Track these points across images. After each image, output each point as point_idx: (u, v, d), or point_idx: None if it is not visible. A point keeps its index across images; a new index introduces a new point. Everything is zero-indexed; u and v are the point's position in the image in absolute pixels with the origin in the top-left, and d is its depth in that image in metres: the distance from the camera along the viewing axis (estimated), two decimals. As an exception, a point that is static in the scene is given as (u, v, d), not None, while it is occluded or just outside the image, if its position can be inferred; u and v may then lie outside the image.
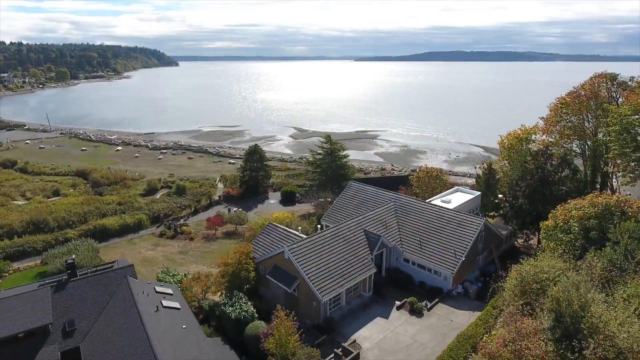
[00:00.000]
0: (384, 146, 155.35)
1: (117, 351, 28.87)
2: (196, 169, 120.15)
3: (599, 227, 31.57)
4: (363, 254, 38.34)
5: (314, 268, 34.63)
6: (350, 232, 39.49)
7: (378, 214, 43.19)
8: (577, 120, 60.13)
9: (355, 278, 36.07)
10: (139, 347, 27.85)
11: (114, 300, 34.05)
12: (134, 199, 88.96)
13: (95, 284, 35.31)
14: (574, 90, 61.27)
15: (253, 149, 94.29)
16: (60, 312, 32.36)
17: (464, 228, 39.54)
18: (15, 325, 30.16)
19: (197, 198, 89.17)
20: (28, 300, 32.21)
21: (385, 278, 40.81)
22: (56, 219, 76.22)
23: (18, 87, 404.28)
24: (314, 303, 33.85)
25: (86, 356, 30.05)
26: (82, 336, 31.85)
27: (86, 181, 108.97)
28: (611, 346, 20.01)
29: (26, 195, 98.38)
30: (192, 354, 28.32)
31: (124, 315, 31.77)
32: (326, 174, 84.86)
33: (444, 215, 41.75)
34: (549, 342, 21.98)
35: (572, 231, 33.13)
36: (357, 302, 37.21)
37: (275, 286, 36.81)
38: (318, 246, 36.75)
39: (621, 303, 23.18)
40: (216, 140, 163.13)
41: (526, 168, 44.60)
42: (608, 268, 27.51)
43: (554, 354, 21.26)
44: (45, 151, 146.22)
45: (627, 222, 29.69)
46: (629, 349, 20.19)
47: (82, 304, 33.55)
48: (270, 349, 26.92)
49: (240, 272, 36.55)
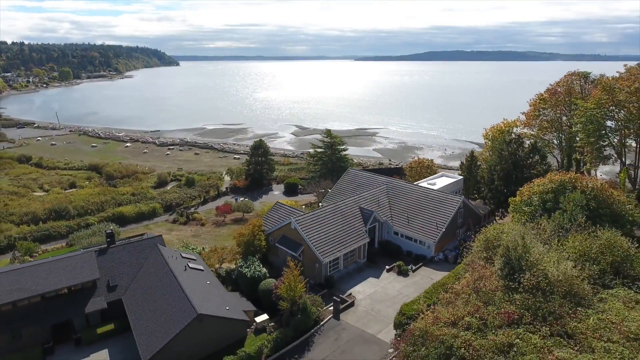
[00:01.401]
0: (382, 143, 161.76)
1: (155, 301, 35.25)
2: (203, 164, 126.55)
3: (554, 199, 37.94)
4: (358, 226, 44.77)
5: (316, 236, 41.07)
6: (347, 208, 45.92)
7: (372, 194, 49.64)
8: (554, 115, 66.46)
9: (351, 245, 42.51)
10: (174, 296, 34.20)
11: (147, 262, 40.45)
12: (146, 190, 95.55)
13: (131, 250, 41.74)
14: (551, 87, 67.61)
15: (258, 144, 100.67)
16: (104, 272, 38.72)
17: (445, 205, 45.94)
18: (71, 279, 36.59)
19: (206, 189, 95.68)
20: (78, 261, 38.64)
21: (377, 249, 47.19)
22: (76, 208, 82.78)
23: (23, 86, 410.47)
24: (317, 265, 40.26)
25: (128, 305, 36.46)
26: (123, 291, 38.26)
27: (99, 175, 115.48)
28: (543, 277, 26.39)
29: (44, 187, 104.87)
30: (217, 301, 34.69)
31: (158, 274, 38.16)
32: (326, 166, 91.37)
33: (429, 194, 48.19)
34: (500, 279, 28.37)
35: (533, 204, 39.49)
36: (353, 266, 43.62)
37: (283, 253, 43.19)
38: (320, 219, 43.20)
39: (557, 250, 29.59)
40: (220, 138, 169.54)
41: (502, 155, 50.99)
42: (557, 229, 33.89)
43: (502, 286, 27.64)
44: (56, 148, 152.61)
45: (573, 194, 36.10)
46: (557, 280, 26.58)
47: (121, 266, 39.94)
48: (281, 293, 33.28)
49: (253, 240, 43.00)
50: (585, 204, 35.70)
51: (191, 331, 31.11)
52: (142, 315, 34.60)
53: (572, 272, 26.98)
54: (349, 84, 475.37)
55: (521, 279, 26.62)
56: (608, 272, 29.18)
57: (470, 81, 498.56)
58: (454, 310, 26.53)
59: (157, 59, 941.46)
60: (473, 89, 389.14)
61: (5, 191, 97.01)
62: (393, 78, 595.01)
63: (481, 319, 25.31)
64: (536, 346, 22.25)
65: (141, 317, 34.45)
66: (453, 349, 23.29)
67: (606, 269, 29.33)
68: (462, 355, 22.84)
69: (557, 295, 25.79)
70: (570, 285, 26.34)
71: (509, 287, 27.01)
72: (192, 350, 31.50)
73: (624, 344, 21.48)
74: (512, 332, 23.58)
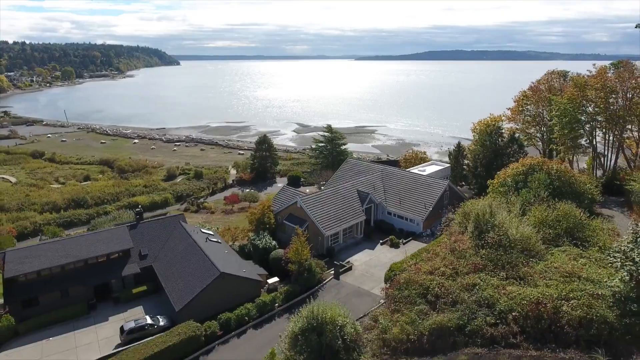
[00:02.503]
0: (381, 139, 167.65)
1: (182, 265, 41.35)
2: (209, 159, 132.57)
3: (524, 180, 44.06)
4: (356, 206, 50.90)
5: (319, 213, 47.22)
6: (346, 191, 52.07)
7: (368, 179, 55.78)
8: (535, 110, 72.51)
9: (349, 222, 48.66)
10: (199, 261, 40.32)
11: (173, 235, 46.57)
12: (157, 182, 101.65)
13: (158, 225, 47.88)
14: (533, 85, 73.67)
15: (262, 139, 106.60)
16: (136, 243, 44.80)
17: (433, 188, 52.06)
18: (109, 248, 42.73)
19: (214, 181, 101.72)
20: (114, 233, 44.79)
21: (373, 227, 53.28)
22: (93, 198, 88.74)
23: (27, 85, 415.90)
24: (320, 238, 46.38)
25: (159, 270, 42.57)
26: (153, 259, 44.38)
27: (111, 169, 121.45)
28: (505, 236, 32.50)
29: (59, 180, 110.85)
30: (235, 265, 40.81)
31: (183, 244, 44.28)
32: (327, 160, 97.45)
33: (419, 179, 54.34)
34: (471, 240, 34.48)
35: (507, 184, 45.62)
36: (351, 241, 49.75)
37: (290, 229, 49.25)
38: (322, 199, 49.36)
39: (520, 218, 35.76)
40: (224, 135, 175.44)
41: (485, 145, 57.11)
42: (523, 203, 40.01)
43: (473, 245, 33.76)
44: (67, 144, 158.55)
45: (538, 174, 42.24)
46: (518, 240, 32.67)
47: (150, 238, 46.04)
48: (290, 257, 39.37)
49: (263, 218, 49.12)
50: (549, 183, 41.86)
51: (215, 287, 37.18)
52: (171, 277, 40.72)
53: (529, 233, 33.11)
54: (349, 83, 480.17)
55: (487, 238, 32.75)
56: (562, 236, 35.26)
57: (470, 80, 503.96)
58: (433, 264, 32.68)
59: (158, 59, 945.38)
60: (472, 88, 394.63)
61: (25, 183, 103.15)
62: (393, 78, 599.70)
63: (453, 269, 31.44)
64: (493, 285, 28.37)
65: (171, 279, 40.57)
66: (429, 289, 29.43)
67: (560, 233, 35.42)
68: (436, 293, 28.97)
69: (515, 250, 31.90)
70: (526, 243, 32.45)
71: (477, 244, 33.14)
72: (215, 303, 37.48)
73: (561, 280, 27.56)
74: (476, 276, 29.70)
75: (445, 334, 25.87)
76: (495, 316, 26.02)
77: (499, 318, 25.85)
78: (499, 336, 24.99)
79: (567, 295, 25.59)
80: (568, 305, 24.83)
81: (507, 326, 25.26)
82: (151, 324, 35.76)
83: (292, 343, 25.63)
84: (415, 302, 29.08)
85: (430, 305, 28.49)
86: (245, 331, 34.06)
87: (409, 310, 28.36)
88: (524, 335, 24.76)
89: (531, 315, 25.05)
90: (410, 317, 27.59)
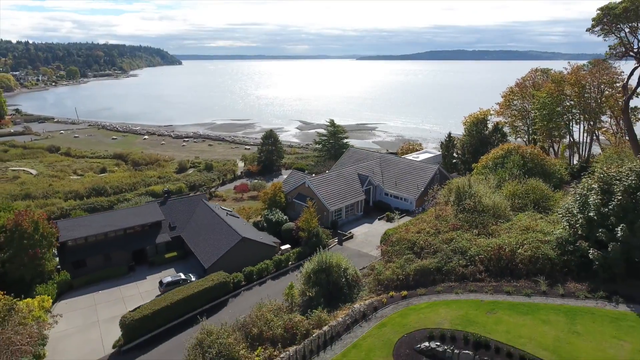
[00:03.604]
0: (381, 136, 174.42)
1: (207, 233, 48.30)
2: (217, 153, 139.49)
3: (502, 162, 50.94)
4: (357, 187, 57.86)
5: (325, 191, 54.19)
6: (348, 174, 59.04)
7: (368, 164, 62.72)
8: (521, 104, 79.35)
9: (350, 200, 55.63)
10: (222, 229, 47.25)
11: (197, 211, 53.54)
12: (170, 174, 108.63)
13: (183, 202, 54.86)
14: (519, 81, 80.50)
15: (269, 134, 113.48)
16: (166, 216, 51.72)
17: (425, 171, 58.97)
18: (144, 219, 49.68)
19: (224, 173, 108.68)
20: (147, 208, 51.83)
21: (372, 206, 60.20)
22: (112, 187, 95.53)
23: (33, 84, 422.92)
24: (325, 213, 53.32)
25: (187, 238, 49.53)
26: (181, 230, 51.34)
27: (125, 162, 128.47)
28: (479, 203, 39.38)
29: (77, 172, 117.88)
30: (253, 233, 47.75)
31: (207, 217, 51.23)
32: (330, 152, 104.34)
33: (412, 164, 61.27)
34: (452, 207, 41.36)
35: (488, 166, 52.51)
36: (352, 217, 56.71)
37: (298, 207, 56.19)
38: (327, 180, 56.33)
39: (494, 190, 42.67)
40: (230, 131, 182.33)
41: (472, 134, 64.00)
42: (499, 180, 46.90)
43: (453, 211, 40.64)
44: (79, 140, 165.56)
45: (513, 156, 49.16)
46: (490, 206, 39.53)
47: (178, 212, 53.01)
48: (301, 225, 46.31)
49: (275, 197, 56.08)
50: (523, 164, 48.78)
51: (237, 250, 44.12)
52: (199, 243, 47.69)
53: (500, 201, 40.02)
54: (350, 83, 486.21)
55: (465, 205, 39.67)
56: (529, 205, 42.11)
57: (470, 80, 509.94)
58: (420, 226, 39.61)
59: (160, 58, 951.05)
60: (472, 88, 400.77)
61: (46, 175, 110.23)
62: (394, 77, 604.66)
63: (436, 229, 38.35)
64: (467, 238, 35.26)
65: (198, 244, 47.54)
66: (416, 243, 36.36)
67: (528, 203, 42.28)
68: (421, 246, 35.91)
69: (487, 214, 38.77)
70: (497, 209, 39.33)
71: (457, 210, 40.05)
72: (237, 264, 44.28)
73: (519, 232, 34.44)
74: (454, 233, 36.59)
75: (427, 274, 32.73)
76: (466, 260, 32.86)
77: (469, 261, 32.70)
78: (469, 273, 31.83)
79: (522, 242, 32.43)
80: (522, 249, 31.70)
81: (474, 266, 32.11)
82: (184, 279, 42.66)
83: (306, 280, 32.58)
84: (404, 253, 35.96)
85: (416, 255, 35.39)
86: (265, 281, 41.08)
87: (399, 259, 35.26)
88: (487, 272, 31.60)
89: (494, 258, 31.90)
90: (400, 263, 34.47)
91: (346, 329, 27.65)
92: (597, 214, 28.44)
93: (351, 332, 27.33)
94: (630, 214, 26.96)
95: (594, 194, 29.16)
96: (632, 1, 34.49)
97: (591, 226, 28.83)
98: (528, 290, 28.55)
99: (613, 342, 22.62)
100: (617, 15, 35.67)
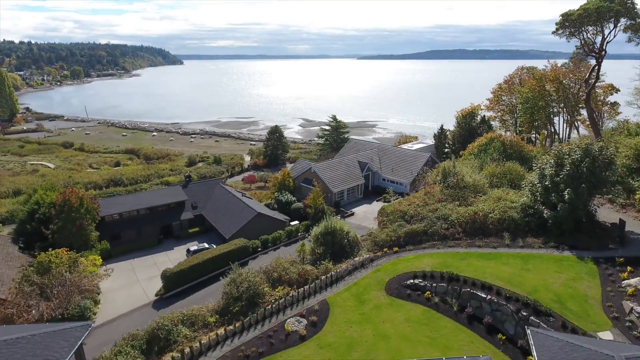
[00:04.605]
0: (381, 133, 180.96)
1: (226, 211, 55.12)
2: (224, 149, 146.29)
3: (485, 148, 57.70)
4: (357, 172, 64.72)
5: (329, 175, 61.06)
6: (349, 161, 65.91)
7: (367, 153, 69.57)
8: (509, 99, 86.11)
9: (351, 183, 62.51)
10: (239, 207, 54.08)
11: (215, 192, 60.39)
12: (181, 167, 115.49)
13: (203, 185, 61.73)
14: (508, 78, 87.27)
15: (274, 129, 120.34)
16: (188, 197, 58.53)
17: (418, 159, 65.81)
18: (169, 199, 56.53)
19: (232, 166, 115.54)
20: (171, 190, 58.72)
21: (370, 191, 67.04)
22: (127, 178, 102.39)
23: (38, 84, 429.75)
24: (329, 194, 60.16)
25: (208, 215, 56.36)
26: (202, 208, 58.15)
27: (137, 156, 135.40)
28: (462, 181, 46.15)
29: (92, 166, 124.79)
30: (267, 211, 54.57)
31: (224, 197, 58.07)
32: (332, 145, 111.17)
33: (407, 152, 68.12)
34: (439, 185, 48.11)
35: (473, 153, 59.28)
36: (353, 199, 63.59)
37: (305, 190, 63.01)
38: (330, 166, 63.21)
39: (475, 171, 49.51)
40: (234, 129, 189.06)
41: (461, 125, 70.82)
42: (482, 163, 53.67)
43: (440, 188, 47.40)
44: (91, 136, 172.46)
45: (494, 143, 55.95)
46: (471, 183, 46.30)
47: (198, 194, 59.85)
48: (308, 203, 53.12)
49: (284, 181, 62.92)
50: (503, 150, 55.54)
51: (253, 223, 50.95)
52: (219, 219, 54.54)
53: (480, 179, 46.81)
54: (351, 82, 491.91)
55: (449, 182, 46.46)
56: (505, 183, 48.84)
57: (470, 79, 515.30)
58: (411, 200, 46.43)
59: (162, 58, 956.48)
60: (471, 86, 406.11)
61: (63, 168, 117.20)
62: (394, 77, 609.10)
63: (425, 202, 45.14)
64: (449, 208, 42.05)
65: (218, 220, 54.40)
66: (406, 212, 43.19)
67: (505, 181, 49.02)
68: (411, 215, 42.72)
69: (468, 190, 45.54)
70: (476, 185, 46.10)
71: (443, 187, 46.86)
72: (253, 236, 51.05)
73: (492, 202, 41.21)
74: (439, 205, 43.39)
75: (415, 235, 39.54)
76: (447, 224, 39.65)
77: (450, 225, 39.48)
78: (449, 234, 38.63)
79: (493, 209, 39.23)
80: (493, 214, 38.51)
81: (454, 229, 38.90)
82: (207, 248, 49.46)
83: (315, 240, 39.42)
84: (397, 220, 42.76)
85: (407, 222, 42.16)
86: (279, 247, 47.99)
87: (392, 225, 42.07)
88: (464, 233, 38.40)
89: (470, 221, 38.71)
90: (393, 228, 41.27)
91: (348, 274, 34.47)
92: (551, 183, 35.22)
93: (352, 276, 34.15)
94: (576, 182, 33.71)
95: (549, 167, 35.96)
96: (584, 9, 41.06)
97: (547, 192, 35.62)
98: (495, 244, 35.40)
99: (553, 275, 29.41)
100: (574, 20, 42.25)
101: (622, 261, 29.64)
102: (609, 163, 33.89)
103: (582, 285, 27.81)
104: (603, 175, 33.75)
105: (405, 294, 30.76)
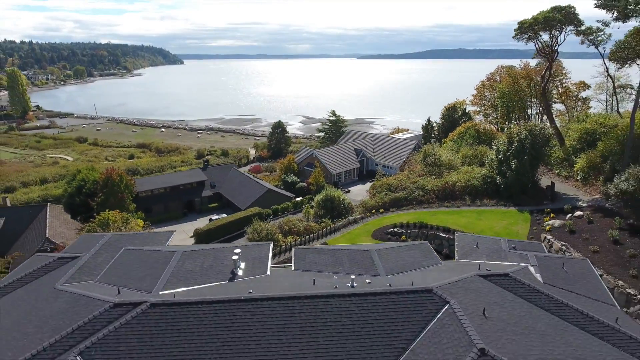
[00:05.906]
0: (378, 129, 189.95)
1: (241, 189, 64.67)
2: (230, 143, 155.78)
3: (462, 136, 67.35)
4: (353, 158, 74.45)
5: (328, 159, 70.82)
6: (346, 148, 75.67)
7: (362, 142, 79.34)
8: (491, 96, 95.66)
9: (348, 167, 72.35)
10: (252, 186, 63.61)
11: (229, 175, 69.97)
12: (191, 159, 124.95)
13: (219, 168, 71.36)
14: (490, 76, 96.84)
15: (278, 124, 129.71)
16: (207, 178, 68.03)
17: (406, 146, 75.46)
18: (192, 179, 66.05)
19: (239, 158, 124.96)
20: (193, 172, 68.25)
21: (365, 174, 76.72)
22: (143, 169, 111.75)
23: (43, 83, 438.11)
24: (328, 175, 69.84)
25: (226, 192, 65.91)
26: (219, 187, 67.65)
27: (149, 150, 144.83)
28: (439, 159, 55.75)
29: (108, 158, 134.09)
30: (275, 188, 64.10)
31: (238, 178, 67.65)
32: (331, 139, 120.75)
33: (397, 141, 77.86)
34: (420, 164, 57.70)
35: (453, 140, 68.92)
36: (349, 181, 73.33)
37: (308, 172, 72.56)
38: (330, 152, 72.97)
39: (452, 152, 59.15)
40: (238, 125, 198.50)
41: (445, 117, 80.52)
42: (458, 147, 63.27)
43: (421, 166, 56.98)
44: (102, 132, 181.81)
45: (470, 130, 65.65)
46: (446, 163, 55.86)
47: (215, 175, 69.39)
48: (311, 181, 62.72)
49: (290, 165, 72.55)
50: (477, 137, 65.21)
51: (264, 198, 60.47)
52: (234, 195, 64.13)
53: (454, 159, 56.45)
54: (351, 81, 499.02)
55: (428, 161, 56.10)
56: (476, 163, 58.41)
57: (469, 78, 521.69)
58: (397, 176, 56.06)
59: (162, 58, 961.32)
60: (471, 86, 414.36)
61: (82, 160, 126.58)
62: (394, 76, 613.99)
63: (408, 178, 54.75)
64: (427, 180, 51.65)
65: (234, 196, 63.98)
66: (392, 184, 52.80)
67: (475, 162, 58.59)
68: (396, 186, 52.32)
69: (443, 167, 55.14)
70: (451, 164, 55.71)
71: (423, 165, 56.50)
72: (264, 207, 60.60)
73: (460, 174, 50.82)
74: (418, 178, 52.98)
75: (398, 201, 49.11)
76: (424, 192, 49.25)
77: (426, 192, 49.10)
78: (425, 200, 48.23)
79: (460, 179, 48.90)
80: (459, 182, 48.16)
81: (429, 195, 48.53)
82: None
83: (317, 205, 49.04)
84: (384, 191, 52.40)
85: (391, 192, 51.79)
86: (286, 215, 57.45)
87: (380, 194, 51.69)
88: (437, 198, 48.01)
89: (441, 189, 48.34)
90: (380, 196, 50.87)
91: (344, 227, 44.10)
92: (503, 156, 44.87)
93: (346, 228, 43.77)
94: (521, 154, 43.34)
95: (502, 144, 45.62)
96: (535, 19, 50.47)
97: (500, 164, 45.27)
98: (459, 204, 45.11)
99: (498, 222, 39.08)
100: (526, 28, 51.72)
101: (549, 211, 39.31)
102: (547, 140, 43.57)
103: (517, 227, 37.43)
104: (542, 150, 43.43)
105: (387, 238, 40.33)
